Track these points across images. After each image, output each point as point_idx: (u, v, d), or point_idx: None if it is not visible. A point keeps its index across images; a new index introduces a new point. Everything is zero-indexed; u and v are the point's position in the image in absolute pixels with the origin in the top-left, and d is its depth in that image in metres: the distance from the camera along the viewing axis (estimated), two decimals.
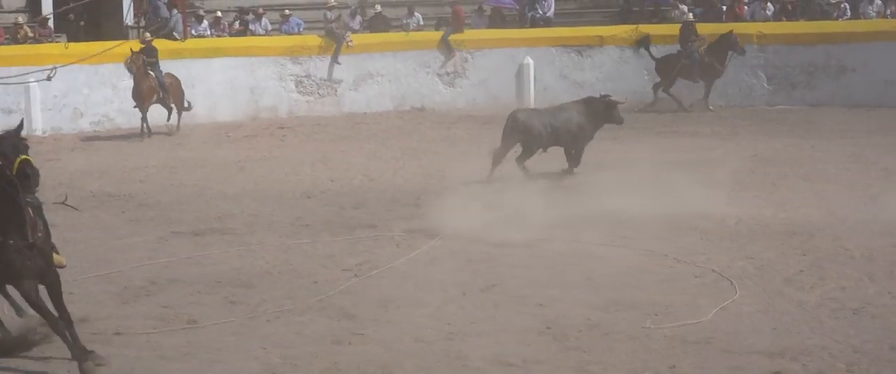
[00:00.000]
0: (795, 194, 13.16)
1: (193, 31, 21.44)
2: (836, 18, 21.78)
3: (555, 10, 23.28)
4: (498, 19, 23.15)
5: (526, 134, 14.46)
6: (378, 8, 22.79)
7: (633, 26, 22.24)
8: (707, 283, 9.71)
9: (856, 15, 21.81)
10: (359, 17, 22.72)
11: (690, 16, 21.64)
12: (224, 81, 21.09)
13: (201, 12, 21.89)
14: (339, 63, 21.60)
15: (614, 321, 8.62)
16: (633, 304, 9.09)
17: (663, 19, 22.81)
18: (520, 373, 7.62)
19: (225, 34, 21.88)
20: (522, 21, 23.13)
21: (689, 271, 10.08)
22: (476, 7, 23.18)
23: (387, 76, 22.08)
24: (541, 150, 14.60)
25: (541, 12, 22.99)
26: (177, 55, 20.55)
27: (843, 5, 21.90)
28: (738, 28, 21.68)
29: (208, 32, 21.69)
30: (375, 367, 7.80)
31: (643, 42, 21.09)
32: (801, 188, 13.45)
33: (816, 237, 11.03)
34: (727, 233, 11.41)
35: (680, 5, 22.75)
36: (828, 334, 8.23)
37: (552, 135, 14.56)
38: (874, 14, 21.70)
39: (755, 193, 13.34)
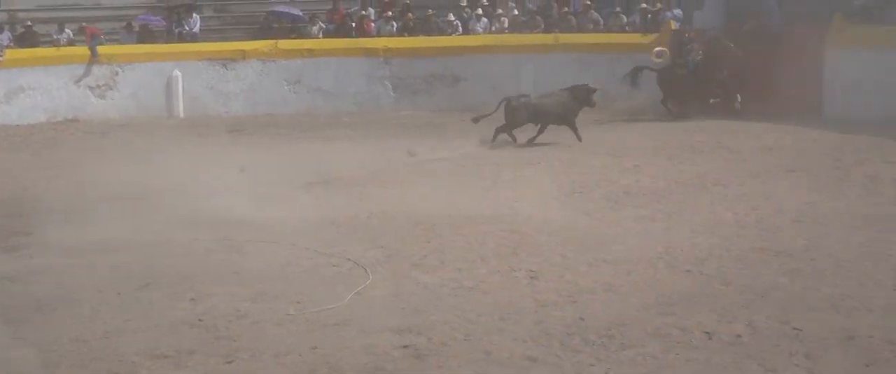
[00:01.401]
0: (419, 189, 13.55)
1: None
2: (451, 34, 22.69)
3: (200, 26, 23.03)
4: (146, 35, 22.62)
5: (514, 114, 16.85)
6: (28, 23, 21.68)
7: (273, 41, 22.29)
8: (343, 271, 9.86)
9: (466, 31, 22.78)
10: (8, 33, 21.49)
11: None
12: None
13: None
14: None
15: (261, 310, 8.61)
16: (278, 294, 9.10)
17: (300, 35, 22.95)
18: (173, 364, 7.45)
19: None
20: (170, 36, 22.69)
21: (328, 262, 10.19)
22: (125, 24, 22.53)
23: (39, 89, 21.04)
24: (531, 124, 16.96)
25: (187, 28, 22.66)
26: None
27: (455, 23, 22.83)
28: (366, 43, 22.21)
29: None
30: (33, 368, 7.42)
31: (634, 75, 19.80)
32: (423, 184, 13.86)
33: (437, 226, 11.39)
34: (360, 226, 11.62)
35: (319, 22, 23.03)
36: (448, 309, 8.55)
37: (536, 114, 16.93)
38: (481, 30, 22.76)
39: (384, 189, 13.65)
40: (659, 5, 21.93)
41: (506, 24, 22.82)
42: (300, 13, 23.54)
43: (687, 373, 7.04)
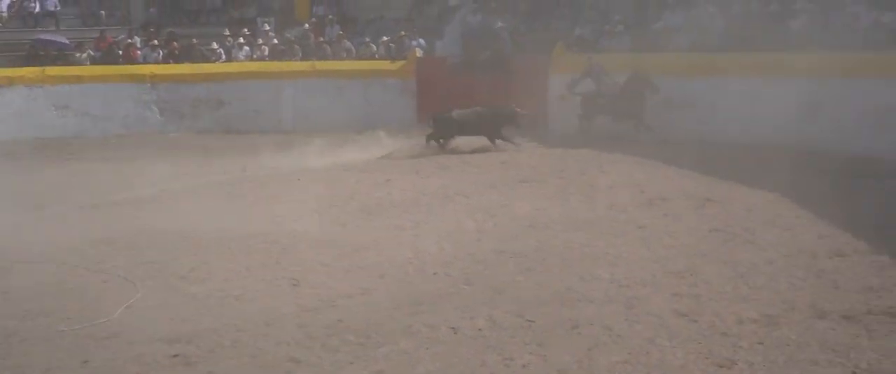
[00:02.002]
0: (187, 206, 13.15)
1: None
2: (214, 61, 22.25)
3: None
4: None
5: (439, 125, 17.65)
6: None
7: (40, 68, 21.20)
8: (114, 287, 9.42)
9: (230, 59, 22.40)
10: None
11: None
12: None
13: None
14: None
15: (30, 328, 8.11)
16: (48, 312, 8.60)
17: (67, 62, 21.94)
18: None
19: None
20: None
21: (99, 279, 9.73)
22: None
23: None
24: (455, 136, 17.56)
25: None
26: None
27: (219, 51, 22.42)
28: (133, 69, 21.49)
29: None
30: None
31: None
32: (191, 202, 13.49)
33: (205, 241, 11.07)
34: (130, 243, 11.13)
35: (87, 50, 22.09)
36: (216, 318, 8.34)
37: (461, 127, 17.53)
38: (243, 58, 22.42)
39: (153, 207, 13.18)
40: (403, 33, 22.32)
41: (266, 53, 22.62)
42: (67, 41, 22.58)
43: (436, 366, 7.13)
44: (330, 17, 24.03)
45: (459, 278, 9.42)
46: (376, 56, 22.28)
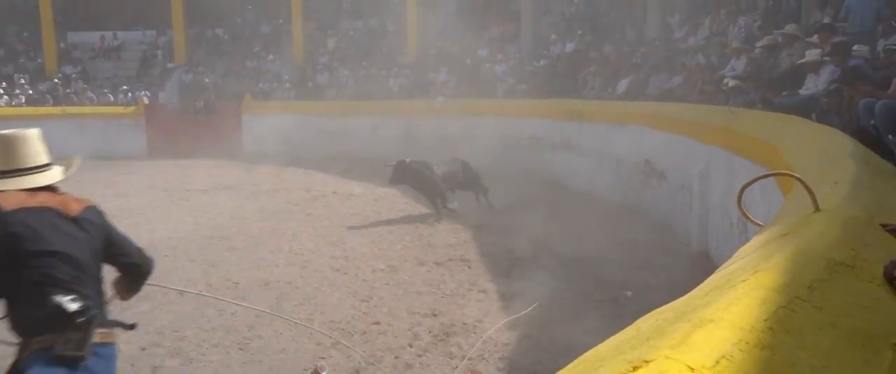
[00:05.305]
0: None
1: None
2: None
3: None
4: None
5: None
6: None
7: None
8: None
9: None
10: None
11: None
12: None
13: None
14: None
15: None
16: None
17: None
18: None
19: None
20: None
21: None
22: None
23: None
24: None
25: None
26: None
27: None
28: None
29: None
30: None
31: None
32: None
33: None
34: None
35: None
36: None
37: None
38: (3, 104, 19.56)
39: None
40: (127, 86, 20.75)
41: (23, 100, 19.97)
42: None
43: (169, 319, 6.68)
44: (74, 75, 21.70)
45: (183, 257, 8.90)
46: (113, 103, 20.53)
